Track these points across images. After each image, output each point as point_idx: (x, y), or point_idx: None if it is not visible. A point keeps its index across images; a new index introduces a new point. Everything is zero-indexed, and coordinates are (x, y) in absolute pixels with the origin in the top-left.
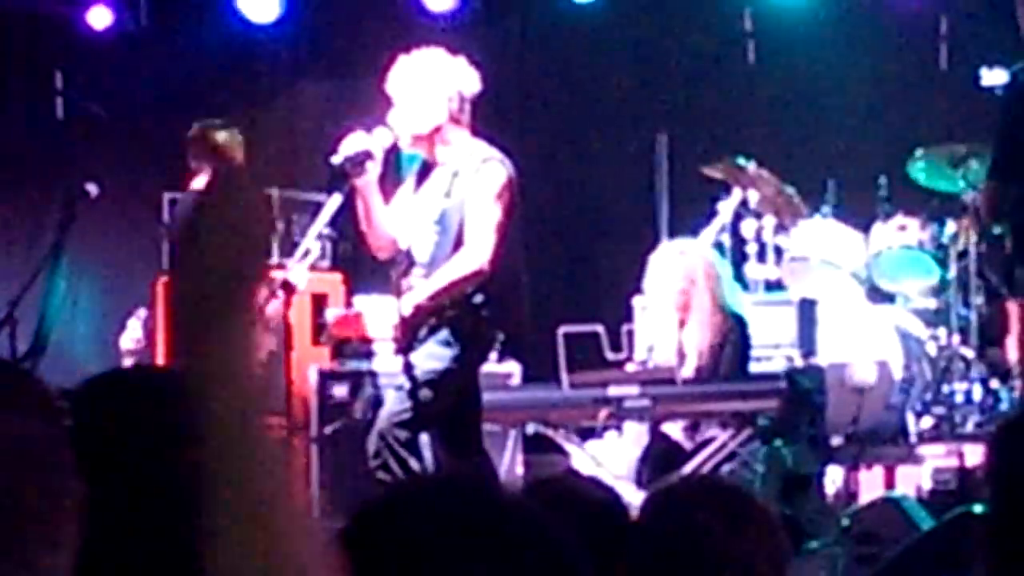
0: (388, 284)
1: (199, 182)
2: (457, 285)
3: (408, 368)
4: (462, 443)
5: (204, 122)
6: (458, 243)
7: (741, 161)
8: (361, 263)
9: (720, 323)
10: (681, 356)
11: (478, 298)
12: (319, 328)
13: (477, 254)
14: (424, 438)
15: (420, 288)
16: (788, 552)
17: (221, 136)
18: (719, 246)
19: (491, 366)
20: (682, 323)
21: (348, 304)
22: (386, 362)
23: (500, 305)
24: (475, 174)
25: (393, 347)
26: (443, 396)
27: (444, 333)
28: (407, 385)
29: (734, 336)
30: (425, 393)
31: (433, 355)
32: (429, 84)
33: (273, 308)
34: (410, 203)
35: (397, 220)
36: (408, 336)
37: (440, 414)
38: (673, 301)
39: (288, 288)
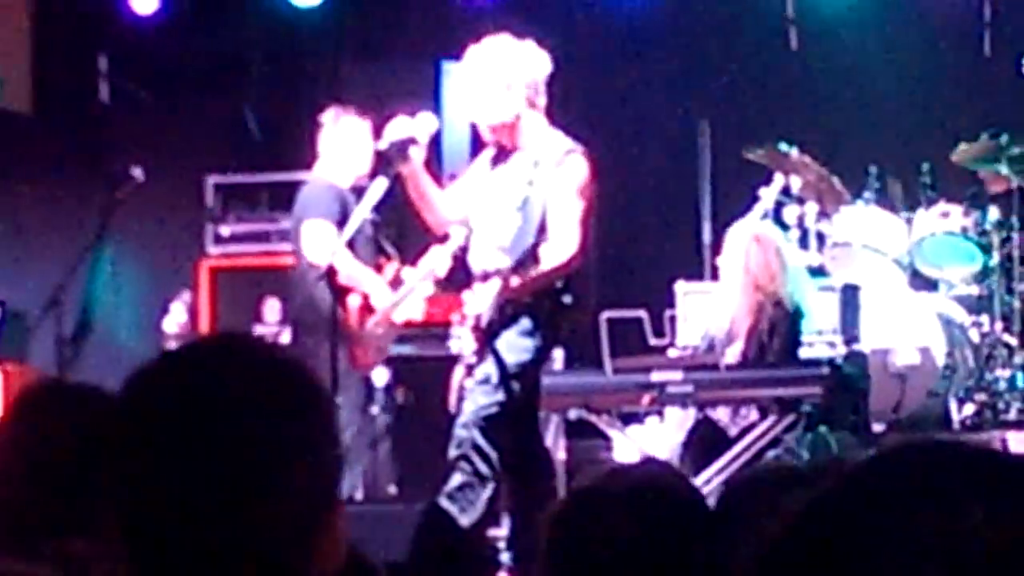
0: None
1: (322, 166)
2: (547, 277)
3: (499, 361)
4: (521, 427)
5: (338, 108)
6: (540, 230)
7: (784, 147)
8: (404, 248)
9: (770, 309)
10: (730, 338)
11: (559, 284)
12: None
13: (566, 247)
14: None
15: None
16: None
17: (354, 122)
18: None
19: None
20: (736, 304)
21: (394, 286)
22: (464, 346)
23: (577, 291)
24: (558, 167)
25: (473, 336)
26: (527, 388)
27: (525, 322)
28: (495, 379)
29: (783, 327)
30: (514, 387)
31: (515, 347)
32: (502, 73)
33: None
34: (486, 183)
35: (468, 197)
36: (489, 326)
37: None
38: (733, 281)
39: (333, 275)
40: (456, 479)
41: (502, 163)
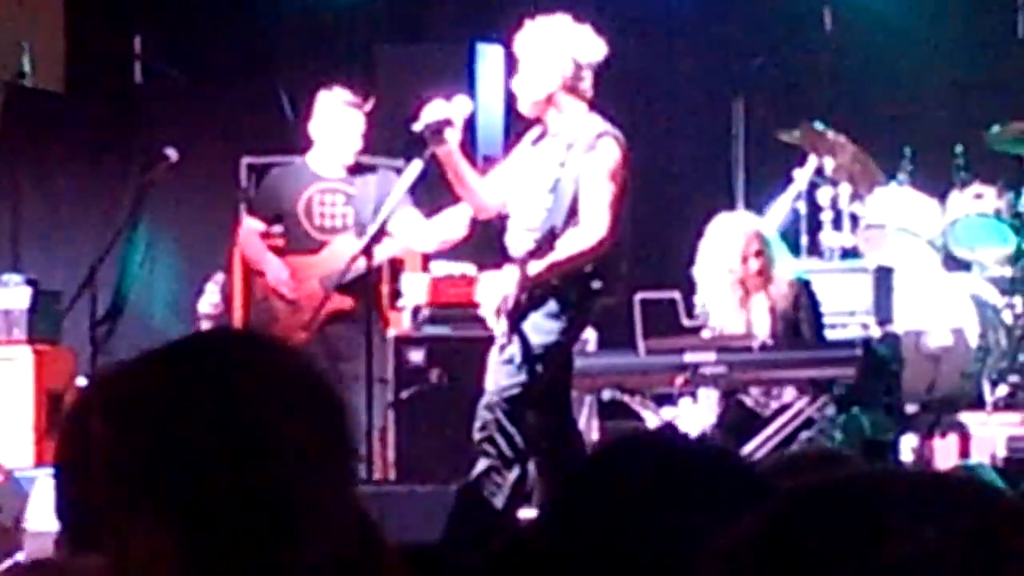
0: (462, 252)
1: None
2: (575, 260)
3: (523, 341)
4: (552, 408)
5: (327, 91)
6: (571, 213)
7: (819, 126)
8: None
9: (787, 289)
10: (748, 326)
11: (587, 268)
12: (396, 293)
13: (595, 230)
14: None
15: (536, 262)
16: None
17: (345, 113)
18: (795, 213)
19: None
20: (747, 294)
21: (425, 269)
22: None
23: (606, 276)
24: (590, 149)
25: (499, 318)
26: (552, 369)
27: (551, 304)
28: (518, 359)
29: (804, 300)
30: (537, 368)
31: (541, 328)
32: (545, 50)
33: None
34: (523, 165)
35: (510, 179)
36: (516, 307)
37: (548, 386)
38: (734, 272)
39: (369, 255)
40: (482, 463)
41: (541, 144)
